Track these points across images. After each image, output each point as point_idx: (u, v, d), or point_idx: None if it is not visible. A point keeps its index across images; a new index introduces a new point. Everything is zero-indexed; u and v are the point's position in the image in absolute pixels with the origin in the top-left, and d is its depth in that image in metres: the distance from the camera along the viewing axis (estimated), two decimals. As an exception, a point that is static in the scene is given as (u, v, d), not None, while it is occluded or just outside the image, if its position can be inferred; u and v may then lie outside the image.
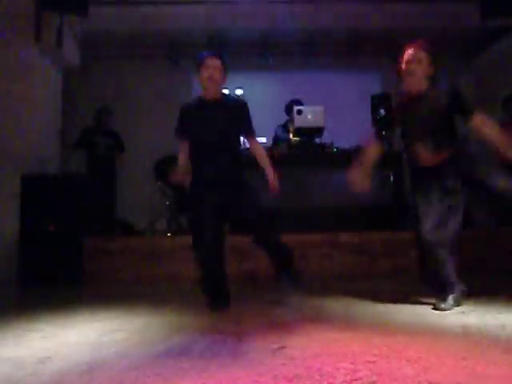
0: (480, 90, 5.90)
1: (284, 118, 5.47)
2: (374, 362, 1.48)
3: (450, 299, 2.36)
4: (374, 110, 5.26)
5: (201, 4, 5.75)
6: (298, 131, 4.75)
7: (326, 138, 5.09)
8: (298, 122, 4.64)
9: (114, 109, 5.57)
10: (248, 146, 2.82)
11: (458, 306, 2.37)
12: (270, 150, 4.39)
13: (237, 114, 2.66)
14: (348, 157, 5.00)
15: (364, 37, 6.21)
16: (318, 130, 4.78)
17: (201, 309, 2.48)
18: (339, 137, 6.62)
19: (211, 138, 2.58)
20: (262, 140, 6.26)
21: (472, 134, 2.43)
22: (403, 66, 2.50)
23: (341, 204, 4.60)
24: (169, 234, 4.69)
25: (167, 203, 5.05)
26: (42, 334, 2.04)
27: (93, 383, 1.38)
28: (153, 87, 6.38)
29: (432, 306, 2.38)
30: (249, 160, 2.73)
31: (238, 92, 5.59)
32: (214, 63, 2.57)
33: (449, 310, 2.32)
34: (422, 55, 2.47)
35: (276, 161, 2.96)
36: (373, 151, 2.69)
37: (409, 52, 2.49)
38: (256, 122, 2.77)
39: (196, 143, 2.63)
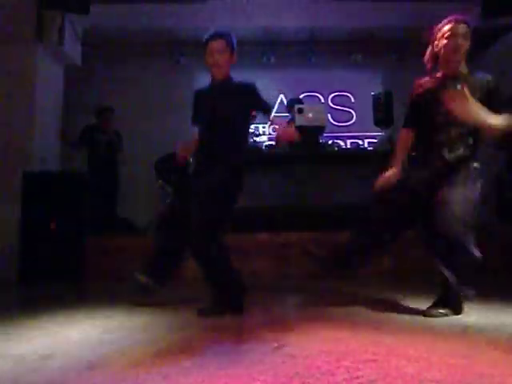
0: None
1: (285, 116, 5.46)
2: (374, 360, 1.48)
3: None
4: (376, 108, 5.26)
5: (203, 2, 5.75)
6: (299, 130, 4.74)
7: (327, 137, 5.09)
8: (299, 120, 4.64)
9: (114, 107, 5.57)
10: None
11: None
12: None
13: (244, 98, 2.49)
14: (349, 156, 5.06)
15: (365, 36, 6.21)
16: (319, 129, 4.77)
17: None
18: (341, 136, 6.65)
19: (212, 123, 2.49)
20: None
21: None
22: (442, 40, 2.35)
23: (341, 203, 4.59)
24: (169, 233, 4.68)
25: (168, 202, 5.04)
26: (44, 332, 2.05)
27: (94, 380, 1.38)
28: (154, 86, 6.38)
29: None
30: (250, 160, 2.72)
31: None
32: (217, 46, 2.46)
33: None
34: (466, 30, 2.33)
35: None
36: (405, 140, 2.56)
37: (451, 25, 2.33)
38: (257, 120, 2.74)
39: (200, 127, 2.57)
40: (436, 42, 2.40)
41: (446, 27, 2.36)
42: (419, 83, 2.50)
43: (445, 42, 2.34)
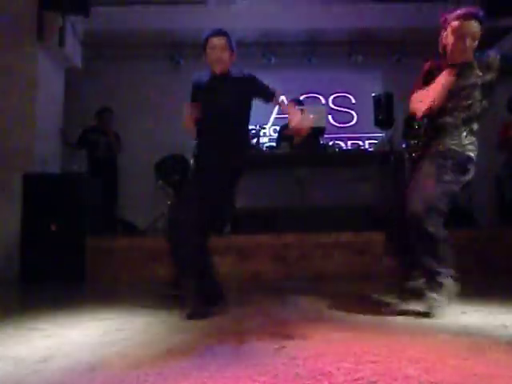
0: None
1: (286, 117, 5.46)
2: (375, 362, 1.48)
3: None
4: (376, 109, 5.27)
5: (202, 4, 5.76)
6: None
7: (327, 138, 5.08)
8: (299, 122, 4.63)
9: (115, 108, 5.58)
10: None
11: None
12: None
13: (245, 87, 2.52)
14: (349, 157, 5.07)
15: (365, 37, 6.21)
16: (320, 130, 4.78)
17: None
18: (341, 137, 6.65)
19: (216, 111, 2.48)
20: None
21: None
22: (450, 36, 2.29)
23: (341, 204, 4.60)
24: (170, 234, 4.68)
25: (168, 202, 5.05)
26: (44, 333, 2.04)
27: (94, 382, 1.38)
28: (154, 87, 6.38)
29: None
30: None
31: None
32: (220, 43, 2.47)
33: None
34: (477, 27, 2.25)
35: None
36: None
37: (461, 23, 2.25)
38: (257, 121, 2.71)
39: (203, 116, 2.52)
40: (445, 33, 2.34)
41: (456, 23, 2.27)
42: (431, 64, 2.48)
43: (452, 40, 2.29)
